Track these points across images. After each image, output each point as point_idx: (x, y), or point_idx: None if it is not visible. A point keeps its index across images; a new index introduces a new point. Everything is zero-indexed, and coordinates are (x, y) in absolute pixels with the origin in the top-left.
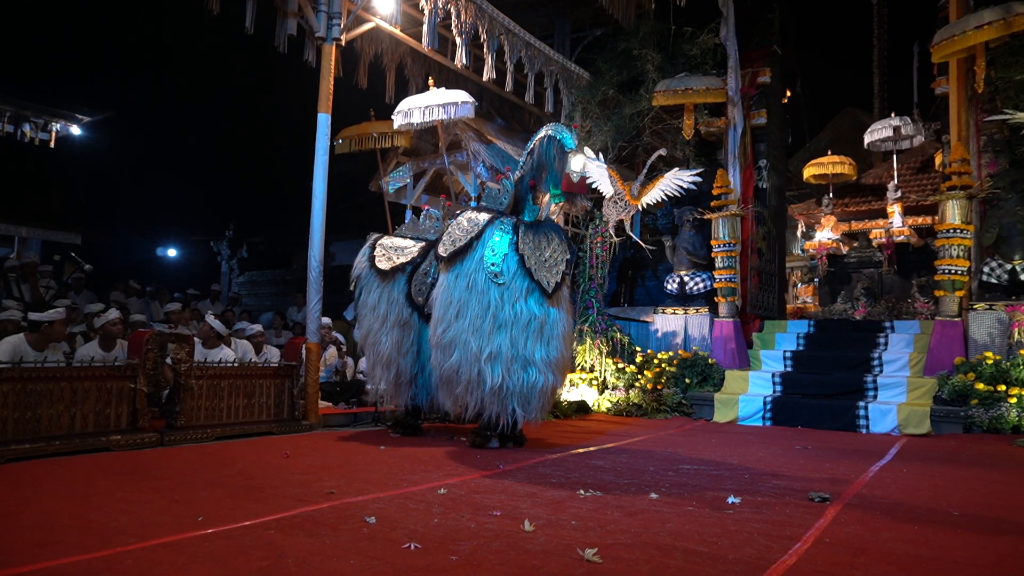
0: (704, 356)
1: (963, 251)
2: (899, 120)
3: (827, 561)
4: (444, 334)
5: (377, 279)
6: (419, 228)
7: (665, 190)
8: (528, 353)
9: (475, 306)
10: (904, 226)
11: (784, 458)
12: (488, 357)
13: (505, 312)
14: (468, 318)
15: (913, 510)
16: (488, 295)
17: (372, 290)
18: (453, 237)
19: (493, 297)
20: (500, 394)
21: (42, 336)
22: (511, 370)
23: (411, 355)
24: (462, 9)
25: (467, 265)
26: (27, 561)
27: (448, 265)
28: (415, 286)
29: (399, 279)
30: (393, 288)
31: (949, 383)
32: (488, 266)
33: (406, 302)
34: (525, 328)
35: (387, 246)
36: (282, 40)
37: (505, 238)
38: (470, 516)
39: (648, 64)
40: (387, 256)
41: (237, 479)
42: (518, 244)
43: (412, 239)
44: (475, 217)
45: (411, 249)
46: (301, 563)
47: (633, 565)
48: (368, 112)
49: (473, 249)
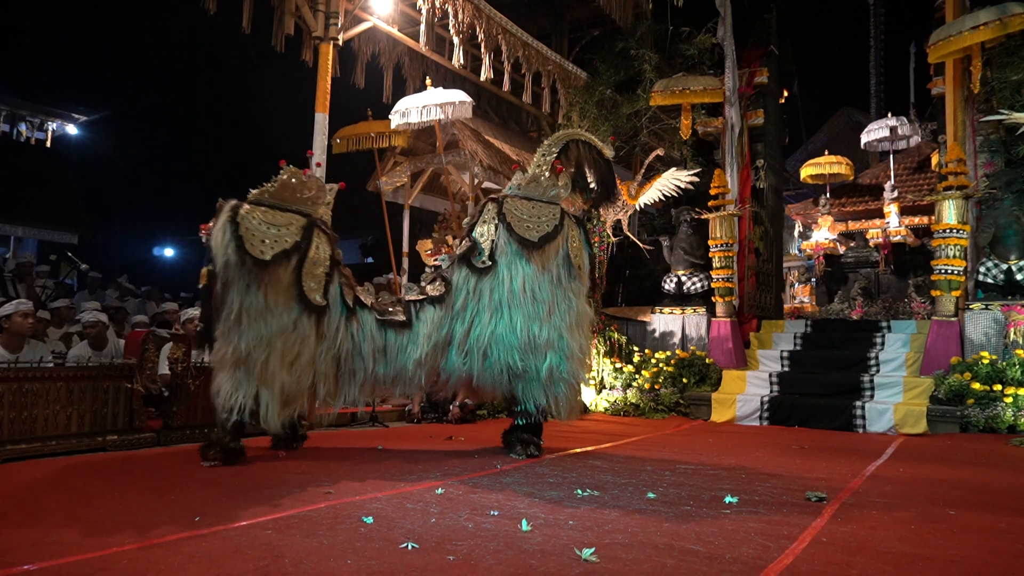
0: (701, 356)
1: (959, 251)
2: (896, 120)
3: (824, 560)
4: (539, 334)
5: (253, 272)
6: (292, 194)
7: (662, 190)
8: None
9: (562, 303)
10: (901, 226)
11: (781, 458)
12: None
13: (581, 309)
14: (560, 316)
15: (909, 509)
16: (569, 291)
17: (251, 287)
18: (527, 224)
19: (574, 294)
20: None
21: (8, 334)
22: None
23: (300, 367)
24: (460, 9)
25: (552, 257)
26: (23, 561)
27: (534, 254)
28: (307, 281)
29: (283, 273)
30: (277, 285)
31: (945, 383)
32: (574, 258)
33: (297, 302)
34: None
35: (255, 223)
36: (279, 40)
37: (582, 232)
38: (468, 516)
39: (645, 64)
40: (262, 238)
41: (234, 479)
42: (588, 238)
43: (282, 210)
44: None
45: (290, 228)
46: (298, 563)
47: (630, 565)
48: (366, 112)
49: (557, 240)
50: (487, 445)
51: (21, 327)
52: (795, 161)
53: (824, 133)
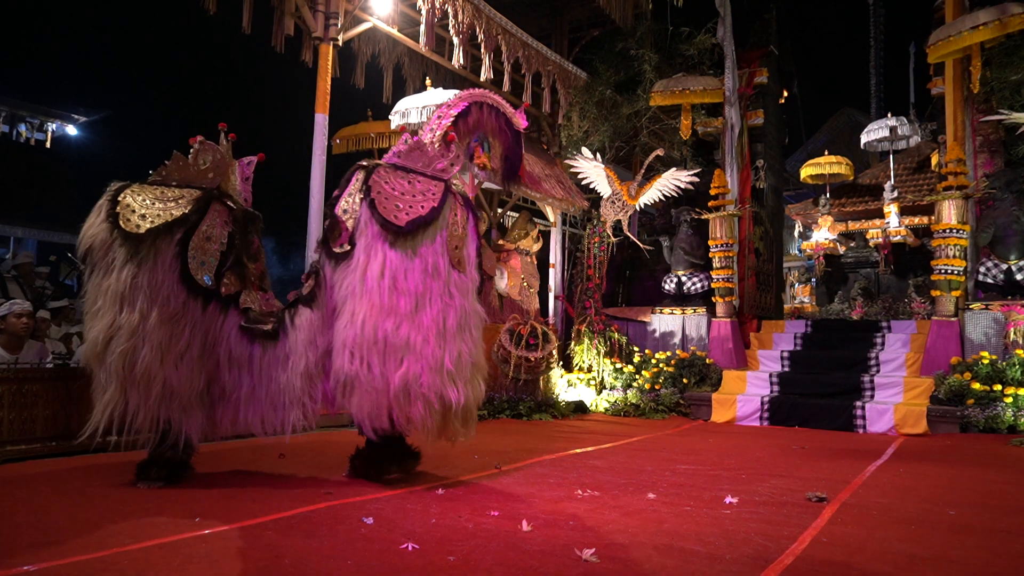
0: (702, 356)
1: (959, 251)
2: (895, 120)
3: (824, 560)
4: (395, 333)
5: (124, 249)
6: (189, 170)
7: (662, 190)
8: (480, 360)
9: (438, 300)
10: (901, 226)
11: (782, 458)
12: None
13: (467, 308)
14: (430, 314)
15: (909, 509)
16: (450, 286)
17: (115, 267)
18: (396, 202)
19: (455, 289)
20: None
21: (6, 336)
22: (468, 382)
23: (189, 364)
24: (459, 9)
25: (427, 244)
26: (23, 562)
27: (397, 239)
28: (195, 257)
29: (165, 248)
30: (155, 262)
31: (945, 383)
32: (452, 249)
33: (180, 283)
34: (478, 329)
35: (140, 199)
36: (279, 40)
37: (466, 216)
38: (468, 516)
39: (645, 64)
40: (140, 213)
41: (234, 479)
42: (476, 224)
43: (178, 186)
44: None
45: (180, 201)
46: (298, 563)
47: (631, 565)
48: (366, 112)
49: (436, 223)
50: (488, 445)
51: (16, 327)
52: (795, 161)
53: (824, 133)
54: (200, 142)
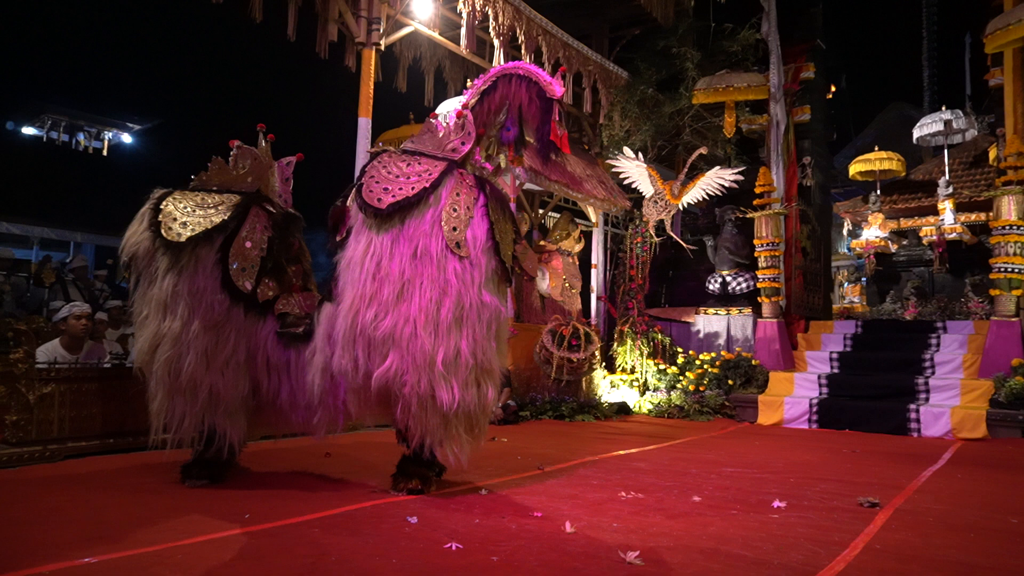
0: (747, 357)
1: (1020, 248)
2: (950, 114)
3: (876, 568)
4: (377, 324)
5: (167, 258)
6: (228, 174)
7: (706, 189)
8: (487, 360)
9: (428, 286)
10: (956, 223)
11: (831, 462)
12: (445, 364)
13: (470, 299)
14: (417, 303)
15: (968, 516)
16: (445, 272)
17: (158, 276)
18: (385, 185)
19: (452, 275)
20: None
21: (67, 337)
22: (468, 384)
23: (235, 369)
24: (500, 11)
25: (415, 226)
26: (83, 555)
27: (382, 223)
28: (236, 263)
29: (206, 255)
30: (196, 270)
31: (1006, 385)
32: (448, 231)
33: (221, 290)
34: (487, 325)
35: (181, 207)
36: (323, 46)
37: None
38: (511, 517)
39: (687, 62)
40: (182, 221)
41: (281, 479)
42: (488, 207)
43: (218, 192)
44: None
45: (220, 207)
46: (343, 561)
47: (675, 569)
48: (408, 116)
49: (426, 204)
50: (530, 446)
51: (76, 328)
52: (843, 158)
53: (873, 128)
54: (238, 146)
